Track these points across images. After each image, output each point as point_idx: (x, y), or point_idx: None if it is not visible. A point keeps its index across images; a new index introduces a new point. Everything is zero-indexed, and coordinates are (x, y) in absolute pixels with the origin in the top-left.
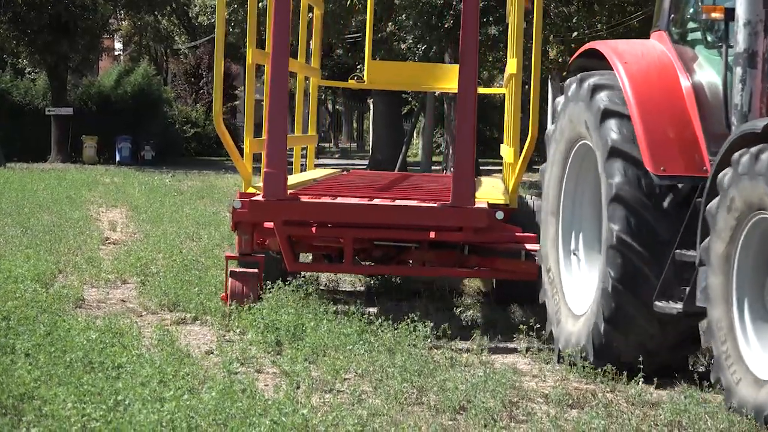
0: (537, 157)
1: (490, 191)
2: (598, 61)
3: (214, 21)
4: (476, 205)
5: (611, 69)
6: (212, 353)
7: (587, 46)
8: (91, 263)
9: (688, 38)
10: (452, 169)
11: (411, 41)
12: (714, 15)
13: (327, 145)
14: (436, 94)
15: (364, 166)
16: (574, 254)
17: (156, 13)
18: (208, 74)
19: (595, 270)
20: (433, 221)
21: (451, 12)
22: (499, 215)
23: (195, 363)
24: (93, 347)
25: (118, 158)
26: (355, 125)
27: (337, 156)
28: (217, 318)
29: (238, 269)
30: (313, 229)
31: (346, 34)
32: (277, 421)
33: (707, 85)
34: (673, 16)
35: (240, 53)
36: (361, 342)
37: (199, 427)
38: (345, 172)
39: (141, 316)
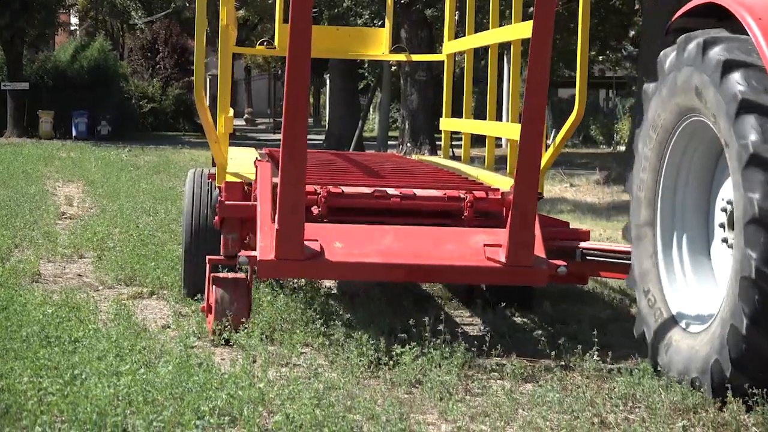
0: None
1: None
2: (705, 20)
3: None
4: (535, 256)
5: (721, 28)
6: (169, 327)
7: (695, 2)
8: (47, 238)
9: None
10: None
11: (367, 16)
12: None
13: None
14: (393, 68)
15: (321, 141)
16: (677, 246)
17: None
18: (165, 49)
19: (707, 273)
20: (488, 280)
21: None
22: (562, 270)
23: (151, 337)
24: (49, 322)
25: (74, 133)
26: (312, 100)
27: None
28: (174, 292)
29: (222, 275)
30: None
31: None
32: (234, 395)
33: None
34: None
35: None
36: (318, 317)
37: (155, 400)
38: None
39: (97, 290)
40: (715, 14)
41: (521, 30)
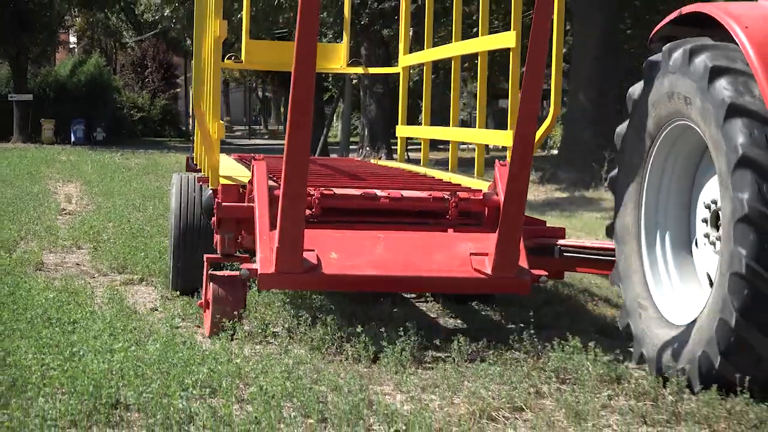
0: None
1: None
2: (688, 29)
3: (158, 18)
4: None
5: (706, 37)
6: (156, 310)
7: (684, 9)
8: (49, 231)
9: None
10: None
11: (331, 36)
12: None
13: (258, 127)
14: (354, 81)
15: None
16: (660, 243)
17: (106, 10)
18: (153, 65)
19: (689, 268)
20: (475, 290)
21: (367, 10)
22: (543, 280)
23: (141, 319)
24: (51, 305)
25: (73, 139)
26: (282, 110)
27: (266, 137)
28: (161, 279)
29: (219, 273)
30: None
31: (275, 29)
32: (214, 369)
33: None
34: None
35: (181, 46)
36: (289, 301)
37: (145, 374)
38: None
39: (93, 277)
40: (698, 23)
41: (469, 46)
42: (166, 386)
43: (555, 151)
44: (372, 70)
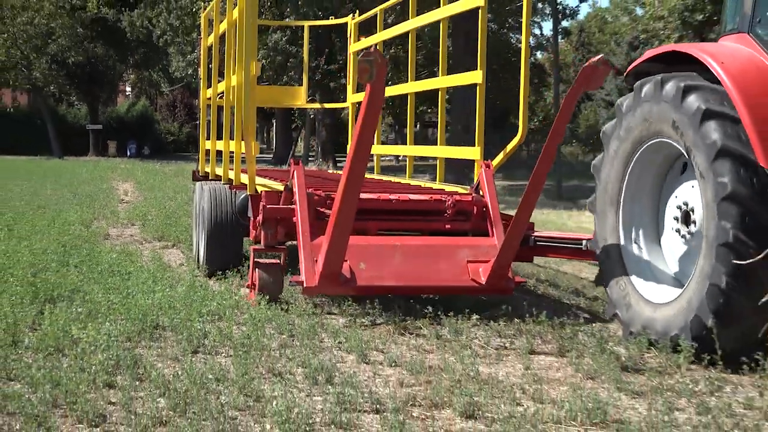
0: None
1: (448, 186)
2: (663, 66)
3: (184, 75)
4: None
5: (684, 71)
6: (183, 265)
7: (662, 49)
8: (112, 214)
9: None
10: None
11: (295, 80)
12: None
13: None
14: (311, 116)
15: (270, 158)
16: (636, 243)
17: (150, 70)
18: (181, 105)
19: (661, 260)
20: (470, 294)
21: (320, 70)
22: (523, 284)
23: (173, 271)
24: (114, 262)
25: (128, 154)
26: (265, 134)
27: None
28: (186, 245)
29: (263, 260)
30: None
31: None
32: (220, 303)
33: None
34: (759, 19)
35: (199, 93)
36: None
37: (175, 307)
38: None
39: (141, 244)
40: (666, 61)
41: (444, 81)
42: (188, 314)
43: None
44: (327, 106)
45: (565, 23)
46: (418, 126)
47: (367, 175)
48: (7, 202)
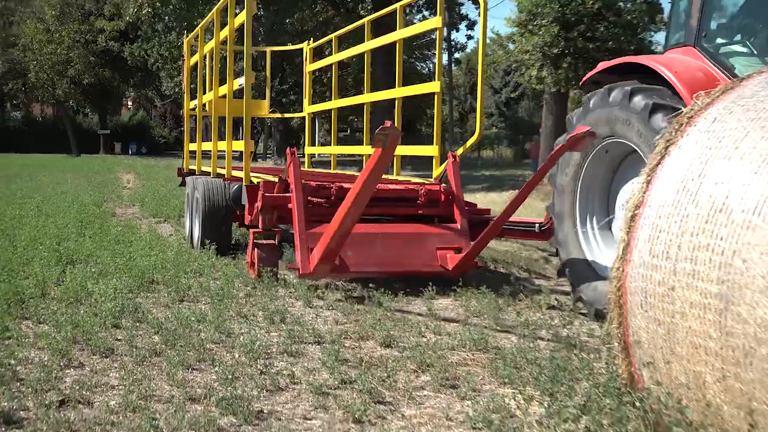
0: None
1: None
2: (613, 77)
3: (172, 92)
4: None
5: (634, 81)
6: (172, 235)
7: (615, 61)
8: (118, 197)
9: (721, 51)
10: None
11: (257, 94)
12: None
13: None
14: (268, 123)
15: (237, 155)
16: (591, 231)
17: (146, 89)
18: (170, 116)
19: (612, 245)
20: (438, 277)
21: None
22: (479, 266)
23: (164, 240)
24: (119, 233)
25: (130, 152)
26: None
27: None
28: (174, 221)
29: (261, 241)
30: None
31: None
32: (201, 264)
33: None
34: (705, 33)
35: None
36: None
37: (166, 266)
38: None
39: (140, 220)
40: (618, 72)
41: (405, 91)
42: (176, 272)
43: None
44: (287, 115)
45: (456, 55)
46: (348, 131)
47: (333, 171)
48: (37, 189)
